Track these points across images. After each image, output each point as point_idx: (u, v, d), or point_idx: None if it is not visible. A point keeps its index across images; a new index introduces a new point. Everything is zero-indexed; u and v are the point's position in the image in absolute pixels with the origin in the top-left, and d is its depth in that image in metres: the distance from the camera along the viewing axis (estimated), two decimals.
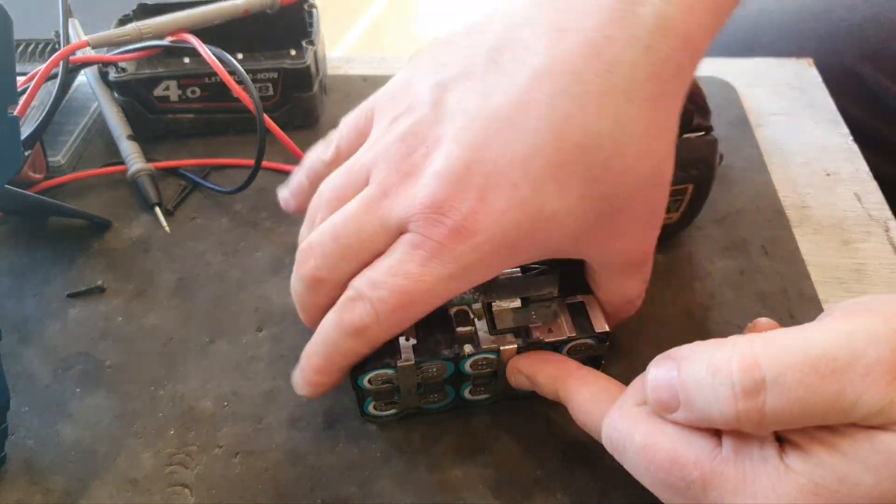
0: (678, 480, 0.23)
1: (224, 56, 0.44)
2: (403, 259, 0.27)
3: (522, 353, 0.31)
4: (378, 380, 0.30)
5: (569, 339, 0.30)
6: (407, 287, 0.27)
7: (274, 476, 0.31)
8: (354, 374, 0.30)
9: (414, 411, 0.33)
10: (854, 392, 0.20)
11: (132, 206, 0.44)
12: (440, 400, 0.32)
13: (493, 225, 0.26)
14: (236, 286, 0.39)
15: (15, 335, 0.37)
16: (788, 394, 0.21)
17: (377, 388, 0.31)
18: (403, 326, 0.29)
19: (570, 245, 0.28)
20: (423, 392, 0.32)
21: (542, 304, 0.31)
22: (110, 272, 0.40)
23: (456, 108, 0.28)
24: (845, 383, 0.20)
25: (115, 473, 0.32)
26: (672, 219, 0.39)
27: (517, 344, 0.30)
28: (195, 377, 0.35)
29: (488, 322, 0.31)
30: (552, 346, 0.30)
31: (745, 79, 0.53)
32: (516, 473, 0.31)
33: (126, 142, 0.46)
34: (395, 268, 0.27)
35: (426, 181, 0.27)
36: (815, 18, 0.62)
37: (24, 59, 0.50)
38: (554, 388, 0.30)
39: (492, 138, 0.26)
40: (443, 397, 0.32)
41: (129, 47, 0.46)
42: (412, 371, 0.30)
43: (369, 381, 0.30)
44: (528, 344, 0.30)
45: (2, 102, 0.34)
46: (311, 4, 0.51)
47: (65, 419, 0.34)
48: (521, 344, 0.30)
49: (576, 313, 0.31)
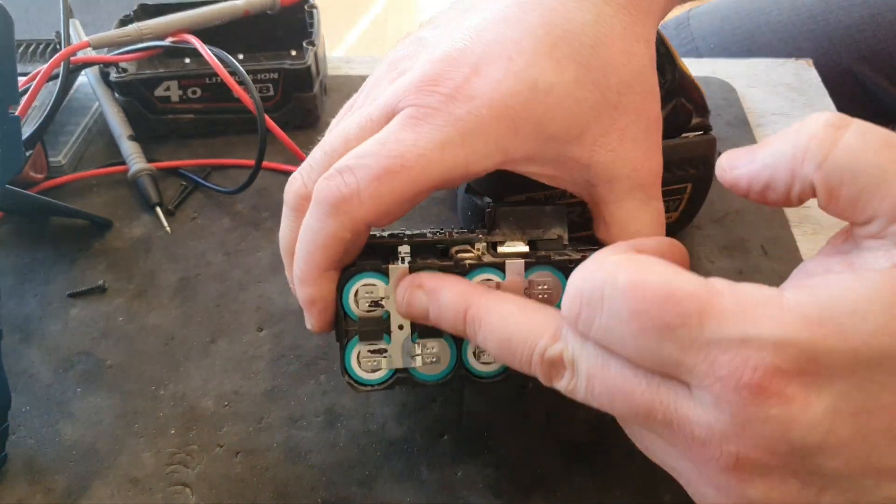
0: (673, 317, 0.20)
1: (225, 56, 0.44)
2: (394, 129, 0.25)
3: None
4: (366, 296, 0.27)
5: (582, 257, 0.26)
6: (397, 151, 0.25)
7: (274, 475, 0.32)
8: (340, 286, 0.27)
9: (405, 377, 0.28)
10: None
11: (133, 206, 0.44)
12: (438, 359, 0.28)
13: (491, 91, 0.25)
14: (237, 286, 0.40)
15: (16, 335, 0.37)
16: None
17: (364, 313, 0.27)
18: (392, 204, 0.25)
19: (574, 133, 0.27)
20: (418, 336, 0.28)
21: (550, 249, 0.28)
22: (111, 272, 0.40)
23: (442, 29, 0.28)
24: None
25: (116, 473, 0.32)
26: (671, 218, 0.39)
27: (524, 259, 0.27)
28: (196, 377, 0.35)
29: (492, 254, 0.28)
30: (563, 268, 0.27)
31: (744, 79, 0.53)
32: (516, 473, 0.31)
33: (127, 142, 0.46)
34: (384, 137, 0.25)
35: (415, 66, 0.26)
36: (813, 20, 0.62)
37: (25, 60, 0.50)
38: (462, 307, 0.25)
39: (482, 31, 0.27)
40: (442, 357, 0.28)
41: (129, 48, 0.46)
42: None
43: (356, 295, 0.27)
44: (538, 258, 0.27)
45: (3, 103, 0.35)
46: (312, 5, 0.51)
47: (66, 418, 0.34)
48: (529, 257, 0.27)
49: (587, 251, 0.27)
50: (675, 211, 0.38)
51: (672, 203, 0.38)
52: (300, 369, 0.35)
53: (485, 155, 0.26)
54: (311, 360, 0.36)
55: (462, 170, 0.26)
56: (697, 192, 0.38)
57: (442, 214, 0.43)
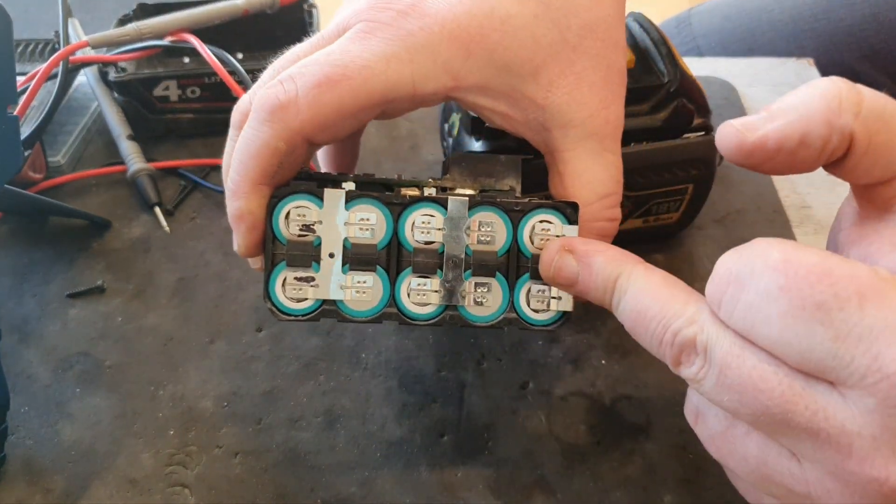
0: (828, 297, 0.18)
1: (224, 56, 0.44)
2: (342, 41, 0.25)
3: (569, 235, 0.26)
4: (298, 219, 0.25)
5: (531, 202, 0.26)
6: (340, 61, 0.24)
7: (274, 476, 0.31)
8: (272, 205, 0.25)
9: (332, 310, 0.26)
10: None
11: (132, 206, 0.44)
12: (371, 300, 0.26)
13: (445, 11, 0.25)
14: (236, 286, 0.39)
15: (15, 335, 0.37)
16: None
17: (295, 237, 0.26)
18: (331, 115, 0.24)
19: (528, 69, 0.26)
20: (349, 267, 0.26)
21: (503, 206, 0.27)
22: (110, 272, 0.40)
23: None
24: None
25: (115, 473, 0.32)
26: (672, 219, 0.39)
27: (468, 197, 0.26)
28: (195, 377, 0.35)
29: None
30: (508, 211, 0.26)
31: (744, 78, 0.53)
32: (516, 473, 0.31)
33: (126, 142, 0.46)
34: (330, 48, 0.25)
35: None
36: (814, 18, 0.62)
37: (24, 59, 0.50)
38: (614, 273, 0.24)
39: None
40: (374, 291, 0.26)
41: (128, 47, 0.46)
42: (341, 208, 0.25)
43: (287, 217, 0.25)
44: (484, 199, 0.26)
45: (1, 102, 0.34)
46: (311, 4, 0.51)
47: (64, 419, 0.34)
48: (475, 196, 0.26)
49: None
50: (676, 211, 0.38)
51: (673, 203, 0.38)
52: (299, 370, 0.35)
53: (433, 75, 0.25)
54: (310, 361, 0.36)
55: (408, 87, 0.25)
56: (699, 193, 0.37)
57: None
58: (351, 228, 0.26)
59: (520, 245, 0.26)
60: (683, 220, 0.39)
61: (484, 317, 0.27)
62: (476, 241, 0.26)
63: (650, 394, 0.34)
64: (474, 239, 0.26)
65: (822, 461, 0.18)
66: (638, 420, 0.33)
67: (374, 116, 0.26)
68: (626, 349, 0.36)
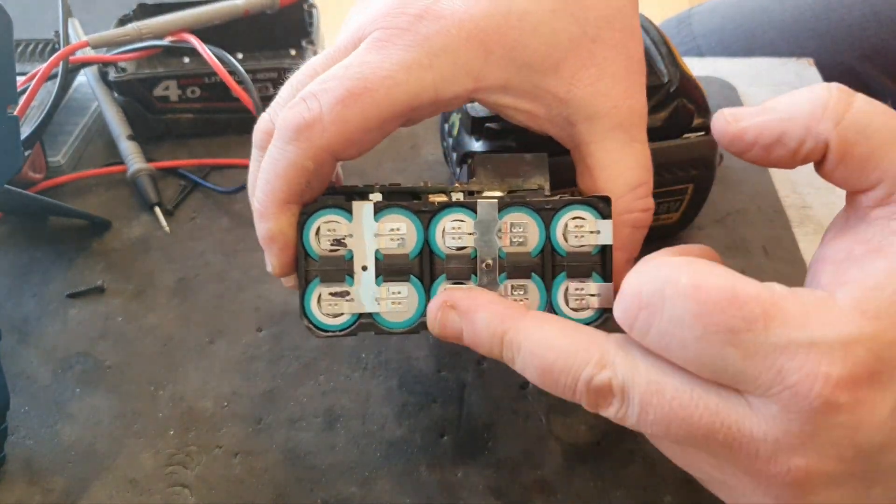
0: (738, 321, 0.19)
1: (224, 56, 0.44)
2: (360, 52, 0.24)
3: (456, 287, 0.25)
4: (328, 234, 0.25)
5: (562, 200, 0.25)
6: (361, 73, 0.23)
7: (274, 476, 0.31)
8: (301, 222, 0.25)
9: (369, 323, 0.26)
10: None
11: (132, 206, 0.44)
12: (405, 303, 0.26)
13: (462, 12, 0.24)
14: (236, 286, 0.39)
15: (15, 335, 0.37)
16: None
17: (327, 252, 0.25)
18: (357, 131, 0.24)
19: (549, 65, 0.25)
20: (382, 279, 0.26)
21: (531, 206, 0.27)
22: (110, 272, 0.40)
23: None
24: None
25: (115, 474, 0.32)
26: (672, 219, 0.39)
27: (497, 199, 0.25)
28: (195, 377, 0.35)
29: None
30: (539, 211, 0.26)
31: (745, 78, 0.53)
32: (516, 473, 0.31)
33: (126, 142, 0.46)
34: (349, 61, 0.24)
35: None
36: (815, 17, 0.62)
37: (24, 59, 0.50)
38: (499, 331, 0.24)
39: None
40: (410, 301, 0.26)
41: (128, 47, 0.46)
42: (370, 220, 0.25)
43: (317, 233, 0.25)
44: (513, 199, 0.25)
45: (1, 102, 0.34)
46: (311, 4, 0.51)
47: (64, 419, 0.34)
48: (504, 197, 0.26)
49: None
50: (676, 211, 0.38)
51: (673, 203, 0.38)
52: (299, 370, 0.35)
53: (454, 78, 0.25)
54: (310, 361, 0.36)
55: (431, 94, 0.24)
56: (699, 193, 0.37)
57: None
58: (382, 240, 0.25)
59: (553, 244, 0.26)
60: (683, 220, 0.39)
61: None
62: (509, 242, 0.26)
63: None
64: (507, 241, 0.26)
65: (736, 464, 0.20)
66: None
67: (399, 125, 0.26)
68: None
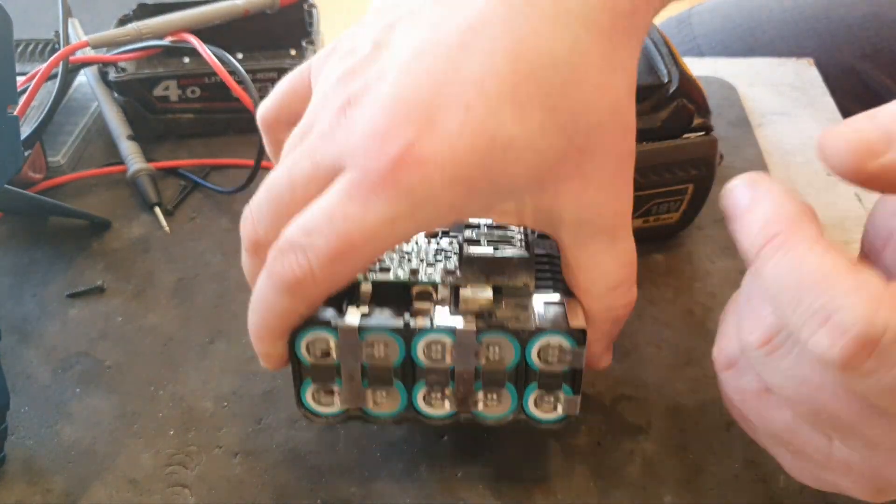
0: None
1: (224, 56, 0.44)
2: (341, 199, 0.24)
3: None
4: (317, 348, 0.27)
5: (538, 329, 0.26)
6: (346, 230, 0.24)
7: (274, 476, 0.31)
8: (292, 337, 0.27)
9: (358, 414, 0.29)
10: None
11: (132, 206, 0.44)
12: (389, 404, 0.28)
13: (445, 151, 0.23)
14: (236, 286, 0.39)
15: (14, 335, 0.37)
16: None
17: (316, 361, 0.27)
18: (345, 279, 0.25)
19: (534, 184, 0.25)
20: (368, 383, 0.28)
21: (515, 297, 0.28)
22: (110, 272, 0.40)
23: (401, 42, 0.25)
24: None
25: (115, 473, 0.32)
26: (672, 219, 0.39)
27: (476, 325, 0.26)
28: (195, 377, 0.35)
29: (451, 307, 0.27)
30: (516, 335, 0.27)
31: (745, 78, 0.53)
32: (516, 473, 0.31)
33: (126, 142, 0.46)
34: (330, 209, 0.24)
35: (364, 111, 0.24)
36: (814, 17, 0.62)
37: (24, 59, 0.50)
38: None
39: (441, 62, 0.24)
40: (392, 401, 0.28)
41: (128, 47, 0.46)
42: (355, 340, 0.26)
43: (307, 347, 0.27)
44: (490, 326, 0.26)
45: (1, 102, 0.35)
46: (311, 4, 0.51)
47: (64, 419, 0.34)
48: (481, 325, 0.26)
49: (551, 311, 0.27)
50: (676, 212, 0.38)
51: (673, 204, 0.38)
52: None
53: (436, 219, 0.25)
54: None
55: (412, 235, 0.26)
56: (699, 193, 0.37)
57: None
58: (366, 353, 0.27)
59: (528, 362, 0.27)
60: (683, 220, 0.39)
61: (495, 416, 0.28)
62: (485, 360, 0.27)
63: (650, 394, 0.34)
64: (483, 359, 0.27)
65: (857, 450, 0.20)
66: (638, 420, 0.33)
67: None
68: (626, 349, 0.36)
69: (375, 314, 0.27)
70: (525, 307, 0.27)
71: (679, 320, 0.37)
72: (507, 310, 0.27)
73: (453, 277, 0.28)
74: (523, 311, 0.27)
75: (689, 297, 0.38)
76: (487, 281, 0.28)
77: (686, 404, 0.33)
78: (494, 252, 0.29)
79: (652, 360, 0.35)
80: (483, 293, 0.27)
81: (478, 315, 0.27)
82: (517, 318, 0.27)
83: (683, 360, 0.35)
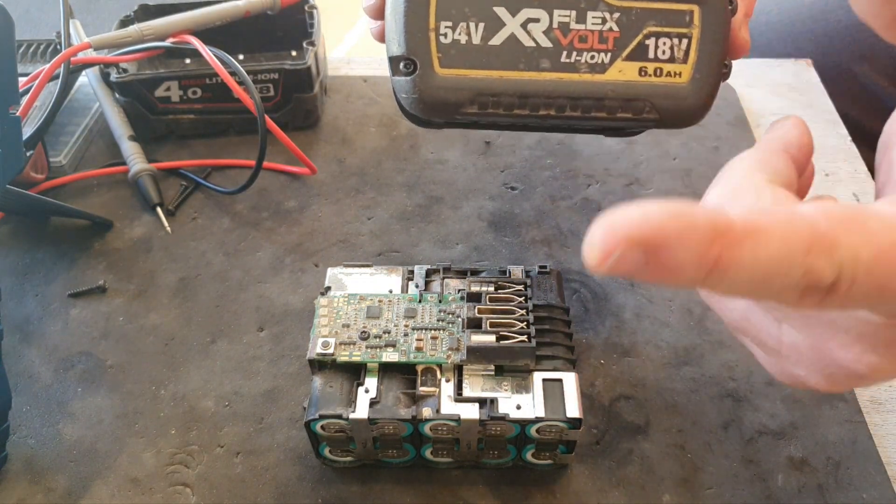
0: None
1: (225, 57, 0.44)
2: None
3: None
4: (331, 428, 0.29)
5: (537, 419, 0.28)
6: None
7: (275, 475, 0.32)
8: (307, 424, 0.29)
9: (373, 463, 0.31)
10: None
11: (133, 206, 0.44)
12: (399, 456, 0.31)
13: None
14: (237, 286, 0.40)
15: (16, 335, 0.37)
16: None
17: (330, 435, 0.29)
18: None
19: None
20: (379, 447, 0.30)
21: (516, 376, 0.29)
22: (111, 272, 0.40)
23: None
24: None
25: (117, 473, 0.32)
26: (680, 75, 0.28)
27: (479, 416, 0.28)
28: (196, 377, 0.35)
29: (455, 385, 0.29)
30: (518, 424, 0.28)
31: (743, 79, 0.53)
32: (516, 473, 0.31)
33: (127, 142, 0.46)
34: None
35: None
36: (812, 19, 0.62)
37: (26, 60, 0.50)
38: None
39: None
40: (402, 454, 0.31)
41: (130, 48, 0.46)
42: (365, 426, 0.28)
43: (322, 427, 0.29)
44: (492, 417, 0.28)
45: (4, 103, 0.35)
46: (312, 5, 0.51)
47: (66, 419, 0.34)
48: (483, 416, 0.28)
49: (550, 392, 0.29)
50: (683, 62, 0.28)
51: (678, 43, 0.28)
52: (300, 369, 0.35)
53: None
54: None
55: None
56: (710, 30, 0.27)
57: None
58: (377, 432, 0.29)
59: (527, 435, 0.29)
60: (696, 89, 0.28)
61: (497, 461, 0.31)
62: (487, 435, 0.29)
63: (649, 394, 0.34)
64: (486, 434, 0.29)
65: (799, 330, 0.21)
66: (637, 420, 0.33)
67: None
68: (625, 349, 0.36)
69: (383, 399, 0.29)
70: (527, 388, 0.29)
71: (679, 320, 0.37)
72: (509, 389, 0.29)
73: (456, 355, 0.30)
74: (524, 394, 0.29)
75: (689, 296, 0.38)
76: (489, 363, 0.30)
77: (684, 404, 0.34)
78: (497, 343, 0.30)
79: (651, 360, 0.35)
80: (485, 371, 0.29)
81: (480, 402, 0.29)
82: (518, 406, 0.28)
83: (682, 360, 0.35)
